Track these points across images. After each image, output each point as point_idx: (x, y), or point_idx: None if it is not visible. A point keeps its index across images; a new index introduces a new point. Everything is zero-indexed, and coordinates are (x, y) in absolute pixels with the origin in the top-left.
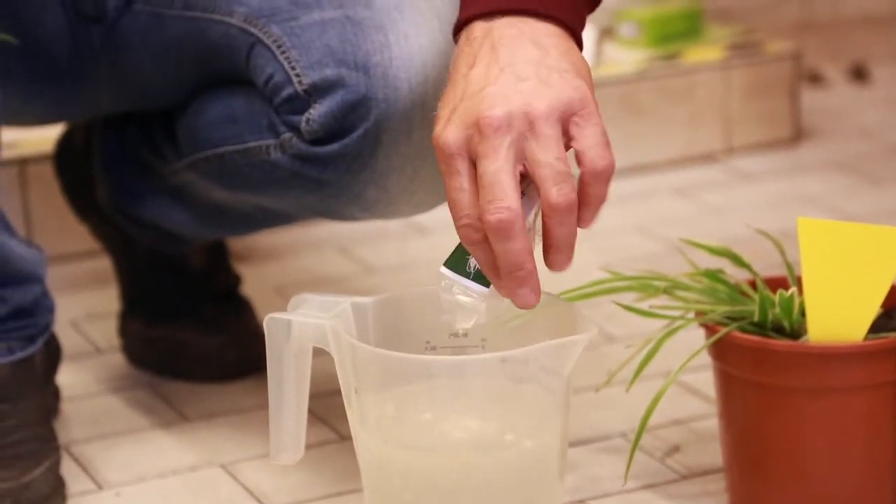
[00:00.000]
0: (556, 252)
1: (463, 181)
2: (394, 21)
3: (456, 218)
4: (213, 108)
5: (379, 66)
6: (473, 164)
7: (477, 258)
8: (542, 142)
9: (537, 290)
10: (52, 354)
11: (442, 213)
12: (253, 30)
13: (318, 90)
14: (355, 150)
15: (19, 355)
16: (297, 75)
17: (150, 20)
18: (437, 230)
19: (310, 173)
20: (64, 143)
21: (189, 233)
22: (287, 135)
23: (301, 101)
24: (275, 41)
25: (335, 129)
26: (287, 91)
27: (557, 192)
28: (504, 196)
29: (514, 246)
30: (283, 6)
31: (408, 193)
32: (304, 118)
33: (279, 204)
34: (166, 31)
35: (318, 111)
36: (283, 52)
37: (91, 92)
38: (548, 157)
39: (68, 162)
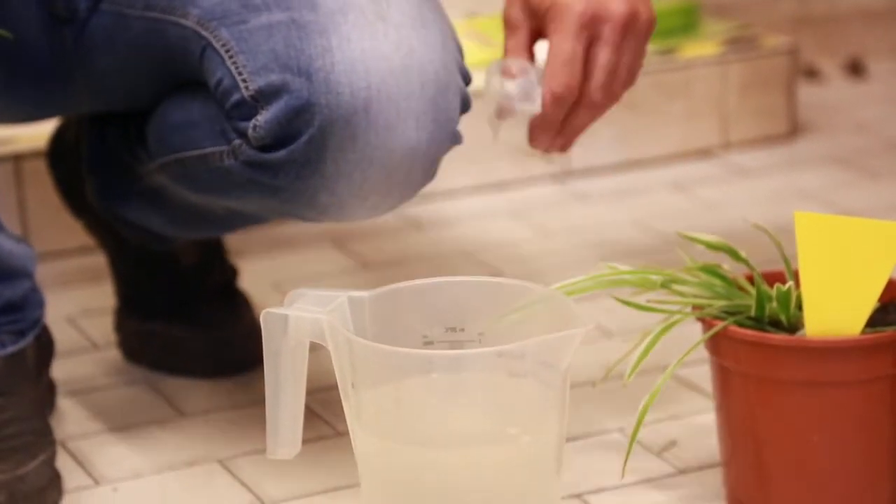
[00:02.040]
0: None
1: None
2: (337, 25)
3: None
4: (174, 112)
5: (321, 71)
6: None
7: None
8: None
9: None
10: (45, 348)
11: (437, 208)
12: (204, 33)
13: (264, 96)
14: (303, 156)
15: (10, 349)
16: (244, 80)
17: (115, 20)
18: (433, 225)
19: (262, 179)
20: (56, 141)
21: (169, 233)
22: (237, 141)
23: (248, 107)
24: (223, 45)
25: (281, 135)
26: (235, 97)
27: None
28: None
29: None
30: (234, 9)
31: (358, 198)
32: (251, 124)
33: (243, 207)
34: (128, 31)
35: (264, 117)
36: (230, 57)
37: (69, 93)
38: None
39: (61, 160)
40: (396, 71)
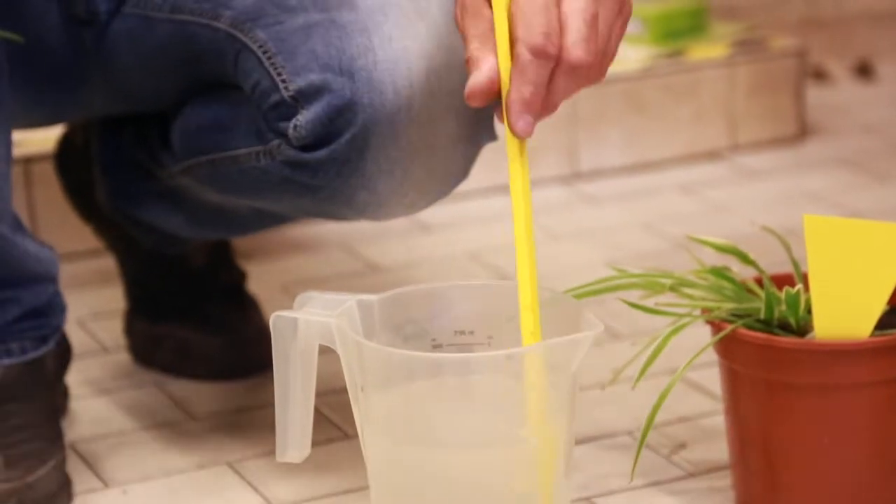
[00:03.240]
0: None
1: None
2: (378, 24)
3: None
4: (203, 113)
5: (363, 71)
6: None
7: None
8: None
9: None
10: (63, 354)
11: (446, 210)
12: (239, 34)
13: (305, 96)
14: (344, 155)
15: (31, 355)
16: (283, 81)
17: (140, 23)
18: (441, 228)
19: (300, 179)
20: (64, 145)
21: (187, 234)
22: (275, 141)
23: (288, 108)
24: (260, 46)
25: (322, 134)
26: (274, 97)
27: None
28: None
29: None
30: (269, 10)
31: (398, 195)
32: (291, 124)
33: (275, 207)
34: (154, 33)
35: (305, 117)
36: (268, 58)
37: (86, 95)
38: None
39: (69, 163)
40: (438, 68)
